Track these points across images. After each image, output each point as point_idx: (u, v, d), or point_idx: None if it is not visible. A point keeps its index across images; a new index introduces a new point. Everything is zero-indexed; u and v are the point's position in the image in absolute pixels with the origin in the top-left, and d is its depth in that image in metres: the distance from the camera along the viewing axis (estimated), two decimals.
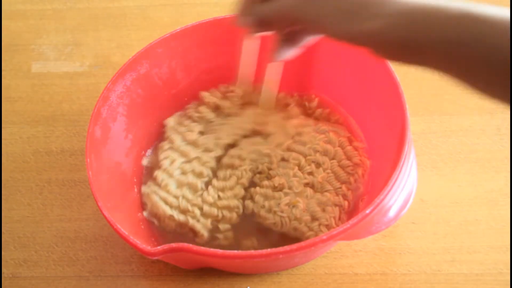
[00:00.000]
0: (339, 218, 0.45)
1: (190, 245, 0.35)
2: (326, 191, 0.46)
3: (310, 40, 0.38)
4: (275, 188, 0.47)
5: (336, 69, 0.49)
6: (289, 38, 0.38)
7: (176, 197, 0.47)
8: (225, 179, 0.48)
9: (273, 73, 0.48)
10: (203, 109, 0.52)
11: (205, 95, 0.53)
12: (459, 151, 0.51)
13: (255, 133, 0.51)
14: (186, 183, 0.47)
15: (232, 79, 0.53)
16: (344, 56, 0.48)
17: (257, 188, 0.47)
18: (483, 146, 0.51)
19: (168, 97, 0.52)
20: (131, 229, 0.39)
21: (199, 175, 0.48)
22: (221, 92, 0.53)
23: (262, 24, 0.37)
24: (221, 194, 0.47)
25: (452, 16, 0.26)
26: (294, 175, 0.47)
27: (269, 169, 0.48)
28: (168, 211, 0.46)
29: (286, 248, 0.34)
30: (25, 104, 0.58)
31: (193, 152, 0.49)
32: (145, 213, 0.47)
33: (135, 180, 0.49)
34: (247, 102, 0.52)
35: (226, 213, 0.46)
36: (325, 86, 0.52)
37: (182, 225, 0.46)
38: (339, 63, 0.49)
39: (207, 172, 0.48)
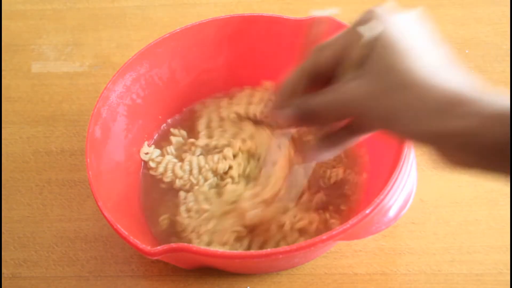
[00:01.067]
0: None
1: (190, 245, 0.35)
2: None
3: (359, 139, 0.33)
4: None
5: None
6: (330, 136, 0.33)
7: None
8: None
9: (300, 174, 0.42)
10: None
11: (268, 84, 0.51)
12: None
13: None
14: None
15: (231, 80, 0.54)
16: None
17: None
18: None
19: (168, 97, 0.52)
20: (131, 229, 0.39)
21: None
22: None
23: (306, 118, 0.32)
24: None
25: None
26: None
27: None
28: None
29: (286, 248, 0.34)
30: (25, 104, 0.58)
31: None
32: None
33: (135, 180, 0.49)
34: None
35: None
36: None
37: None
38: None
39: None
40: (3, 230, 0.49)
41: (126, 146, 0.48)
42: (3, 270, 0.47)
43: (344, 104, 0.29)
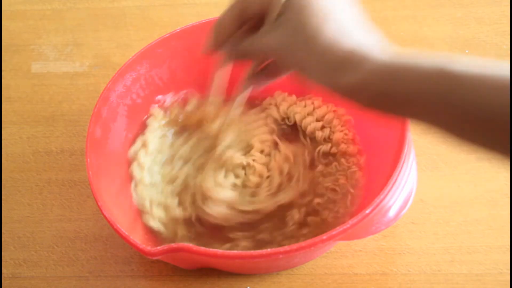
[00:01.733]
0: None
1: (190, 245, 0.35)
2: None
3: (286, 74, 0.38)
4: None
5: None
6: (264, 70, 0.39)
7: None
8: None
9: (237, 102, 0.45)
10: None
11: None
12: (459, 151, 0.51)
13: None
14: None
15: (231, 80, 0.53)
16: None
17: None
18: None
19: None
20: (131, 229, 0.39)
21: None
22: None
23: (241, 56, 0.37)
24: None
25: (426, 72, 0.27)
26: None
27: None
28: None
29: (286, 248, 0.34)
30: (25, 104, 0.58)
31: None
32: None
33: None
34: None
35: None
36: None
37: None
38: None
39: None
40: (3, 230, 0.49)
41: (126, 146, 0.48)
42: (3, 270, 0.47)
43: (265, 51, 0.34)
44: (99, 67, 0.61)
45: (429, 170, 0.50)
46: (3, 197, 0.51)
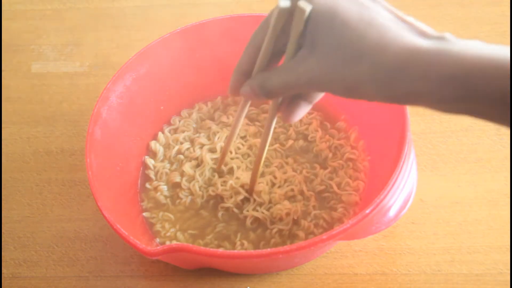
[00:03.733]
0: None
1: (190, 245, 0.35)
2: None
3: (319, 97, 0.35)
4: None
5: None
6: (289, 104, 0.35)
7: None
8: None
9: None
10: None
11: None
12: (459, 151, 0.51)
13: None
14: None
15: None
16: None
17: None
18: (483, 146, 0.51)
19: (168, 97, 0.52)
20: (131, 229, 0.39)
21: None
22: None
23: (266, 97, 0.33)
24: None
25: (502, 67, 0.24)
26: None
27: None
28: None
29: (286, 248, 0.34)
30: (25, 104, 0.58)
31: None
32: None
33: (135, 180, 0.49)
34: None
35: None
36: None
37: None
38: None
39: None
40: (3, 230, 0.49)
41: (126, 146, 0.48)
42: (3, 270, 0.47)
43: (306, 83, 0.30)
44: (99, 67, 0.61)
45: (429, 170, 0.50)
46: (3, 197, 0.51)
